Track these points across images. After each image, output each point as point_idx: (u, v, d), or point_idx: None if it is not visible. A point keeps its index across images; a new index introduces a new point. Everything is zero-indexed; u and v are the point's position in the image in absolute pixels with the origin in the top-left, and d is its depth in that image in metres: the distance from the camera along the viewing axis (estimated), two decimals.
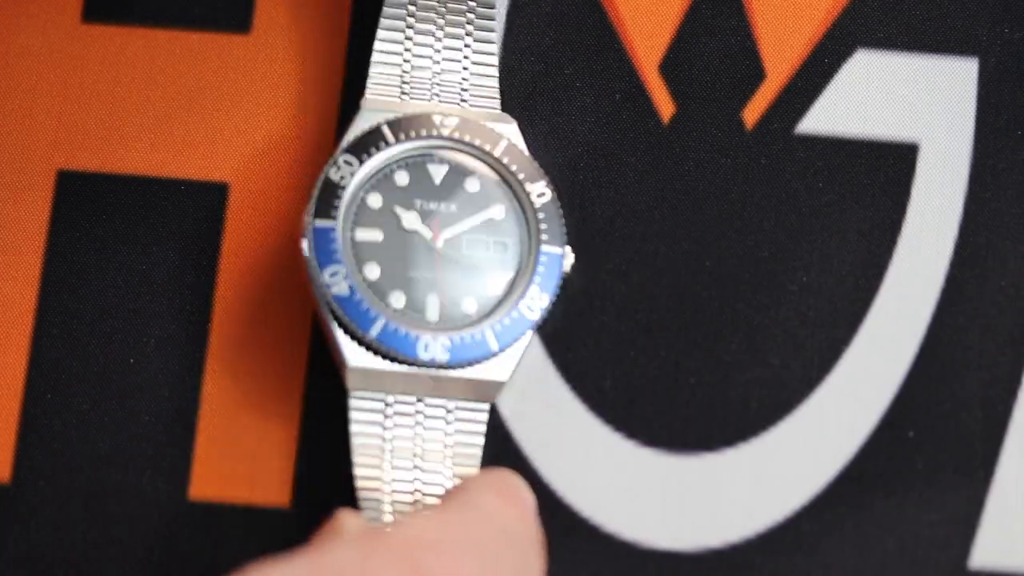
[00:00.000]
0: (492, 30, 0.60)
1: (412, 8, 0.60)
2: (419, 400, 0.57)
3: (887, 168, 0.62)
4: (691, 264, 0.61)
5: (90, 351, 0.61)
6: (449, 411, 0.57)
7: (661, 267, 0.61)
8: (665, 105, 0.62)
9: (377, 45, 0.60)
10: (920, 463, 0.59)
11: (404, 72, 0.59)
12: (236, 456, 0.60)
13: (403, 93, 0.59)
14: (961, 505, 0.59)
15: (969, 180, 0.62)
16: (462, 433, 0.57)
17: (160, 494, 0.60)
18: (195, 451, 0.60)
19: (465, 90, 0.59)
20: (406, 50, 0.60)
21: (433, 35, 0.60)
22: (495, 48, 0.60)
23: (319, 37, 0.63)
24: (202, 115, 0.63)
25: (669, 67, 0.63)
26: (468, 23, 0.60)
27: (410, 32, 0.60)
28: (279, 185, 0.62)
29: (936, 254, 0.61)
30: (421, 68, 0.59)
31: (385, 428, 0.57)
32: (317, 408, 0.60)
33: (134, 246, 0.62)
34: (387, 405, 0.57)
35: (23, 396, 0.61)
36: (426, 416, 0.57)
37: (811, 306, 0.61)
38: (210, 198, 0.62)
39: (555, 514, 0.60)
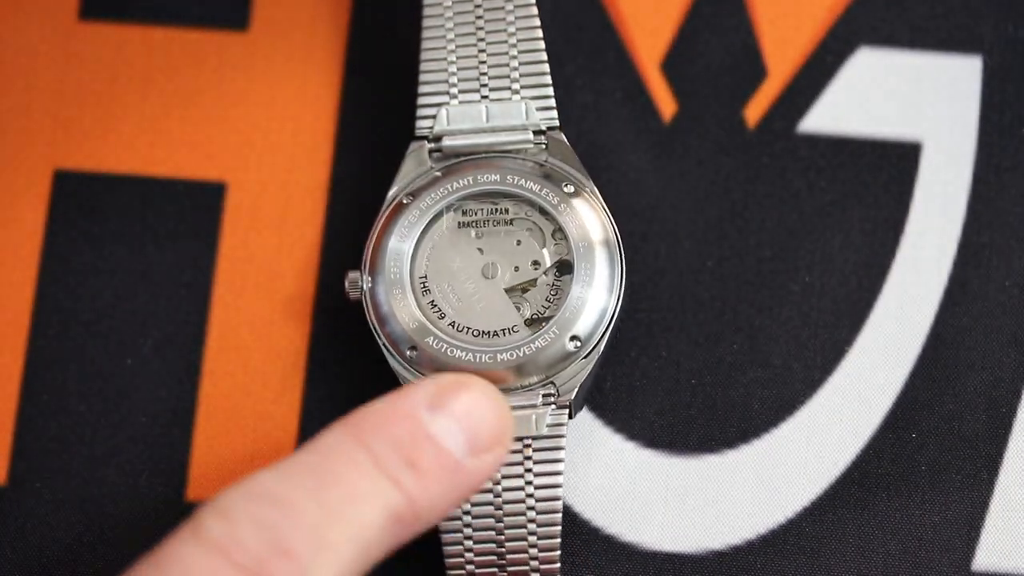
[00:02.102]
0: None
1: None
2: None
3: (890, 167, 0.62)
4: (692, 264, 0.61)
5: (87, 352, 0.61)
6: None
7: (661, 267, 0.61)
8: (666, 104, 0.62)
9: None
10: (923, 464, 0.59)
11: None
12: (234, 458, 0.60)
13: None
14: (964, 507, 0.59)
15: (972, 179, 0.61)
16: None
17: (157, 496, 0.60)
18: (192, 453, 0.60)
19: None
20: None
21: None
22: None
23: (318, 34, 0.63)
24: (200, 114, 0.63)
25: (670, 65, 0.62)
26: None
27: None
28: (277, 184, 0.62)
29: (939, 254, 0.61)
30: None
31: None
32: (315, 409, 0.60)
33: (131, 246, 0.62)
34: None
35: (19, 397, 0.61)
36: None
37: (813, 306, 0.60)
38: (208, 198, 0.62)
39: None
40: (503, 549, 0.57)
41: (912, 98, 0.62)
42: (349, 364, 0.60)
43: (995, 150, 0.62)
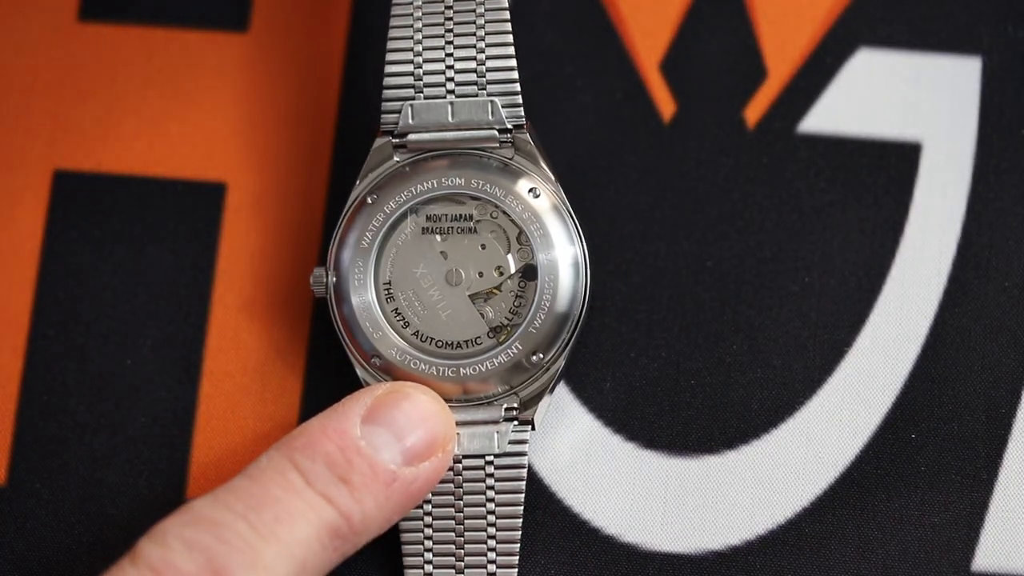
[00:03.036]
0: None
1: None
2: None
3: (889, 167, 0.62)
4: (692, 264, 0.61)
5: (86, 352, 0.61)
6: None
7: (661, 267, 0.61)
8: (666, 104, 0.62)
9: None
10: (923, 465, 0.59)
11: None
12: (234, 458, 0.60)
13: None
14: (964, 507, 0.59)
15: (972, 180, 0.61)
16: None
17: (157, 496, 0.60)
18: (192, 453, 0.60)
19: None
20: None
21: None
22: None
23: (317, 36, 0.63)
24: (199, 115, 0.63)
25: (670, 66, 0.62)
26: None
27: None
28: (277, 185, 0.62)
29: (939, 254, 0.61)
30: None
31: None
32: (315, 409, 0.60)
33: (131, 247, 0.62)
34: None
35: (19, 397, 0.61)
36: None
37: (813, 306, 0.60)
38: (208, 198, 0.62)
39: (555, 516, 0.59)
40: (462, 563, 0.57)
41: (912, 98, 0.62)
42: (349, 364, 0.60)
43: (995, 150, 0.62)
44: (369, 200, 0.58)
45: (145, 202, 0.62)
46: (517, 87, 0.58)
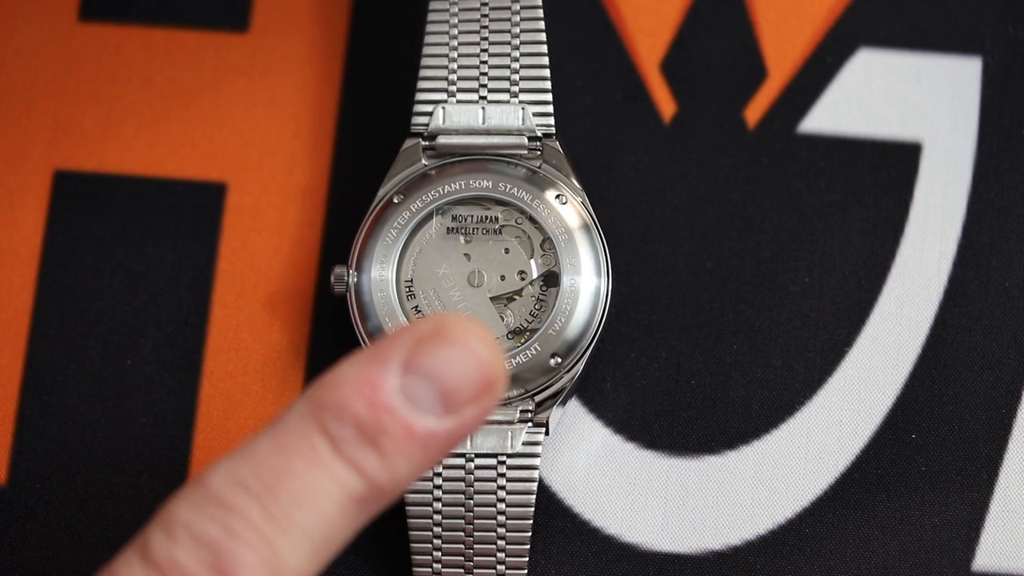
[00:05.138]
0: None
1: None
2: None
3: (890, 168, 0.62)
4: (692, 265, 0.61)
5: (87, 352, 0.61)
6: None
7: (662, 267, 0.61)
8: (666, 104, 0.62)
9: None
10: (923, 465, 0.59)
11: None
12: None
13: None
14: (964, 507, 0.59)
15: (972, 180, 0.61)
16: None
17: (158, 496, 0.60)
18: (193, 453, 0.60)
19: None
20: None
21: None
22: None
23: (318, 36, 0.63)
24: (200, 115, 0.63)
25: (670, 66, 0.62)
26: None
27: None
28: (277, 184, 0.62)
29: (939, 254, 0.61)
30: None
31: None
32: None
33: (131, 247, 0.62)
34: None
35: (19, 397, 0.61)
36: None
37: (813, 307, 0.61)
38: (208, 198, 0.62)
39: (555, 516, 0.59)
40: (471, 563, 0.57)
41: (912, 98, 0.62)
42: None
43: (995, 150, 0.62)
44: (395, 200, 0.58)
45: (145, 202, 0.62)
46: (549, 96, 0.59)
